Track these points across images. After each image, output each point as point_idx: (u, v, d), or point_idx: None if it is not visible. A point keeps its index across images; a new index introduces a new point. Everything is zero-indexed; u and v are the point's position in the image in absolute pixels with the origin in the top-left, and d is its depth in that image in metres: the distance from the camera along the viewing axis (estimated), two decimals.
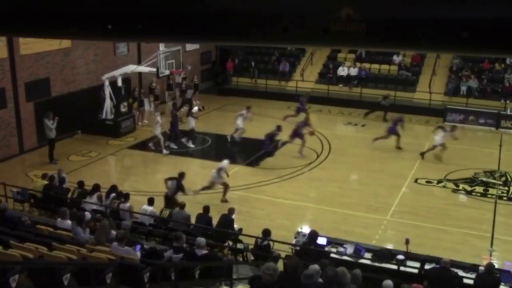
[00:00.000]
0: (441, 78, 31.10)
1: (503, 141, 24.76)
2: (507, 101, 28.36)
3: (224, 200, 17.29)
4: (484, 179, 19.99)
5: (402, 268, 11.79)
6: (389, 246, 13.70)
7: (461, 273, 11.18)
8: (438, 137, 21.69)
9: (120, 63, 26.18)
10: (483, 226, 16.28)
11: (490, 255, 14.40)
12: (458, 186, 19.31)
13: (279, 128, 21.46)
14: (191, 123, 23.28)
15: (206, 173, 18.32)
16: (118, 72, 24.64)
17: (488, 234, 15.77)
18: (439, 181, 19.58)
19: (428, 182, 19.56)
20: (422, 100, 29.75)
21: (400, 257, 12.03)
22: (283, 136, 22.03)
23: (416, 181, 19.68)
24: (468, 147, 23.90)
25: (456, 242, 15.07)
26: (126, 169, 21.56)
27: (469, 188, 19.17)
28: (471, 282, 10.96)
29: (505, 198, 18.45)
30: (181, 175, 16.15)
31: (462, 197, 18.68)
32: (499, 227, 16.27)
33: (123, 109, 24.70)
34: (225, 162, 17.94)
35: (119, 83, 24.64)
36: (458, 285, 10.63)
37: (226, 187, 17.55)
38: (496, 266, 12.17)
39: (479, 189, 19.11)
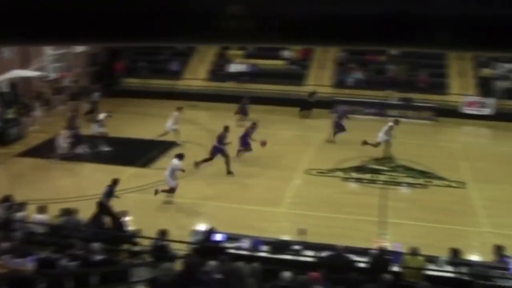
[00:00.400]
0: (329, 71, 32.08)
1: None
2: (391, 91, 29.69)
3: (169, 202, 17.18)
4: (373, 166, 20.83)
5: (299, 258, 12.05)
6: (286, 238, 13.94)
7: (355, 257, 11.58)
8: (382, 133, 22.20)
9: (5, 67, 24.91)
10: (373, 211, 16.94)
11: (382, 239, 15.00)
12: (348, 174, 20.00)
13: (226, 129, 20.68)
14: (97, 128, 22.41)
15: (100, 177, 17.74)
16: (2, 78, 23.46)
17: (378, 218, 16.45)
18: (330, 171, 20.18)
19: (319, 172, 20.09)
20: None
21: (297, 247, 12.31)
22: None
23: (307, 172, 20.15)
24: (356, 136, 24.73)
25: (349, 228, 15.56)
26: (16, 177, 20.51)
27: (358, 176, 19.91)
28: (364, 265, 11.38)
29: (392, 184, 19.33)
30: (115, 181, 15.60)
31: (353, 185, 19.38)
32: (388, 211, 17.01)
33: (9, 115, 23.54)
34: (176, 161, 17.42)
35: (4, 88, 23.46)
36: (352, 270, 10.98)
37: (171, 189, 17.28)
38: (389, 249, 12.75)
39: (368, 176, 19.90)
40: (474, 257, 13.63)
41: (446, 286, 10.60)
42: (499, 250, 12.35)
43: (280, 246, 12.57)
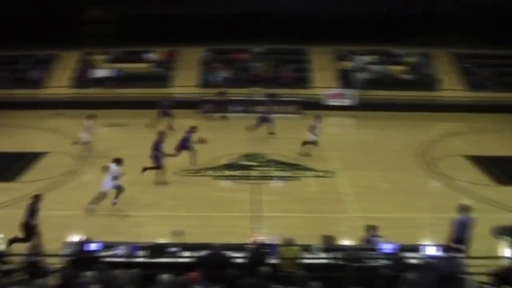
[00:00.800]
0: (195, 71, 32.09)
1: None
2: (257, 88, 30.22)
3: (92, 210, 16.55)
4: (244, 162, 21.09)
5: (177, 260, 11.93)
6: (163, 241, 13.74)
7: (232, 254, 11.65)
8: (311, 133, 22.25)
9: None
10: (248, 206, 17.18)
11: (258, 233, 15.21)
12: (220, 172, 20.11)
13: (163, 135, 19.77)
14: None
15: None
16: None
17: (254, 213, 16.68)
18: (202, 170, 20.18)
19: (191, 173, 20.02)
20: (178, 94, 30.38)
21: (174, 249, 12.18)
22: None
23: (180, 173, 20.00)
24: (225, 134, 24.99)
25: (226, 225, 15.66)
26: None
27: (231, 173, 20.08)
28: (242, 261, 11.47)
29: (265, 178, 19.70)
30: (37, 197, 14.41)
31: (226, 183, 19.51)
32: (263, 205, 17.31)
33: None
34: (114, 166, 16.74)
35: None
36: (231, 266, 11.03)
37: (102, 195, 16.71)
38: (266, 242, 12.96)
39: (241, 172, 20.14)
40: (346, 242, 14.19)
41: (322, 272, 10.92)
42: (370, 229, 12.96)
43: (157, 250, 12.38)
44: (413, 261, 11.48)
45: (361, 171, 20.65)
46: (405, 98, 30.17)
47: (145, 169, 18.93)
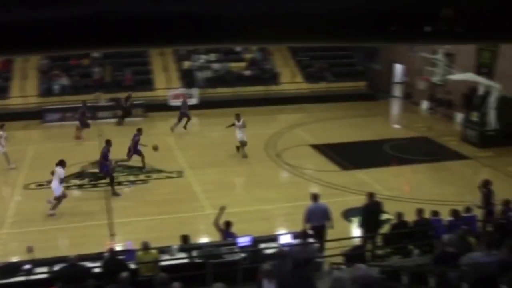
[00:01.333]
0: (33, 80, 30.77)
1: (102, 130, 25.88)
2: (99, 93, 29.67)
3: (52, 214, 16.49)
4: (92, 170, 20.67)
5: (32, 277, 11.51)
6: (15, 259, 13.18)
7: (89, 264, 11.47)
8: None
9: None
10: (100, 215, 16.90)
11: (113, 240, 15.08)
12: (69, 183, 19.56)
13: (108, 143, 18.74)
14: None
15: None
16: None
17: (106, 221, 16.47)
18: (50, 182, 19.47)
19: (39, 185, 19.30)
20: (16, 105, 29.04)
21: (26, 266, 11.73)
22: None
23: (26, 187, 19.22)
24: (70, 143, 24.33)
25: (80, 236, 15.33)
26: None
27: (79, 182, 19.62)
28: (100, 270, 11.32)
29: (115, 184, 19.43)
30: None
31: (76, 193, 19.03)
32: (115, 212, 17.13)
33: None
34: (59, 169, 16.76)
35: None
36: (89, 277, 10.87)
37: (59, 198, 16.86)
38: (121, 248, 12.91)
39: (89, 181, 19.74)
40: (203, 239, 14.54)
41: (182, 272, 11.10)
42: (226, 225, 13.34)
43: (8, 269, 11.83)
44: (270, 251, 12.03)
45: (210, 168, 21.08)
46: (247, 94, 31.23)
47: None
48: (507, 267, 8.03)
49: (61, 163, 16.95)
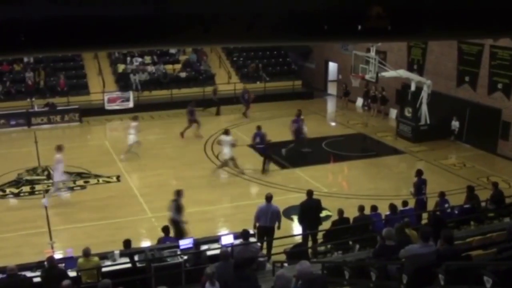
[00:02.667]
0: None
1: (37, 137, 25.30)
2: (33, 99, 28.92)
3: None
4: (28, 177, 20.17)
5: None
6: None
7: (29, 274, 11.20)
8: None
9: None
10: (38, 223, 16.51)
11: (52, 248, 14.77)
12: (4, 191, 19.02)
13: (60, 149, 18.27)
14: None
15: None
16: None
17: (45, 229, 16.11)
18: None
19: None
20: None
21: None
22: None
23: None
24: (5, 150, 23.66)
25: (16, 246, 14.95)
26: None
27: (16, 190, 19.10)
28: (40, 279, 11.08)
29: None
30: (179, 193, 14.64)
31: (12, 201, 18.54)
32: (53, 219, 16.78)
33: None
34: (58, 156, 17.88)
35: None
36: (29, 286, 10.64)
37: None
38: (61, 256, 12.67)
39: (26, 188, 19.23)
40: (145, 243, 14.43)
41: (125, 277, 11.01)
42: (164, 231, 13.27)
43: None
44: (213, 252, 12.06)
45: (148, 171, 20.92)
46: (184, 96, 31.09)
47: None
48: (444, 257, 8.32)
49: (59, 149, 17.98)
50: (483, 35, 14.57)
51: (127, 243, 12.84)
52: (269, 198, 13.90)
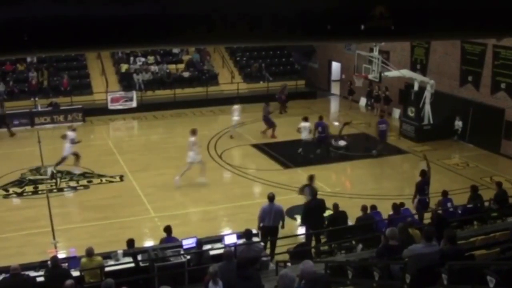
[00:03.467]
0: None
1: (40, 137, 25.31)
2: (36, 99, 28.97)
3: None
4: (32, 177, 20.19)
5: None
6: None
7: (32, 273, 11.22)
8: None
9: None
10: (41, 222, 16.52)
11: (55, 248, 14.80)
12: (8, 191, 19.05)
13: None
14: None
15: None
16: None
17: (48, 228, 16.13)
18: None
19: None
20: None
21: None
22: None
23: None
24: (8, 150, 23.71)
25: (20, 245, 14.96)
26: None
27: (19, 190, 19.12)
28: (43, 279, 11.10)
29: (55, 191, 19.07)
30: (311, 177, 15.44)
31: (15, 201, 18.56)
32: (57, 218, 16.79)
33: None
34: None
35: None
36: (33, 286, 10.64)
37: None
38: (65, 256, 12.69)
39: (29, 188, 19.25)
40: (148, 243, 14.44)
41: (128, 277, 11.02)
42: (167, 231, 13.26)
43: None
44: (216, 252, 12.07)
45: (151, 171, 20.92)
46: (187, 95, 31.14)
47: None
48: (447, 257, 8.31)
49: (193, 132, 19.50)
50: (486, 35, 14.55)
51: (130, 242, 12.85)
52: (271, 198, 13.82)
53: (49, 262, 11.51)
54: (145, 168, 21.20)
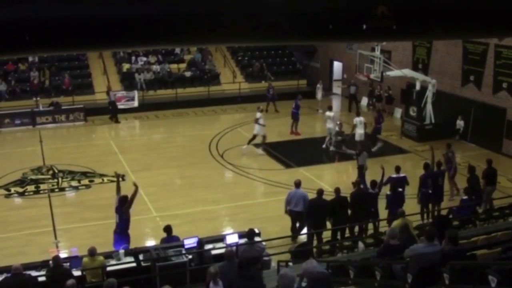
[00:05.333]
0: None
1: (42, 136, 25.34)
2: (38, 98, 28.98)
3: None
4: (33, 177, 20.20)
5: None
6: None
7: (34, 273, 11.23)
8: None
9: None
10: (43, 222, 16.53)
11: (57, 247, 14.80)
12: (9, 190, 19.06)
13: None
14: None
15: None
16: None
17: (49, 228, 16.14)
18: None
19: None
20: None
21: None
22: None
23: None
24: (10, 150, 23.72)
25: (21, 245, 14.97)
26: None
27: (21, 190, 19.13)
28: (45, 279, 11.09)
29: (56, 190, 19.07)
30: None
31: (17, 200, 18.57)
32: (58, 218, 16.80)
33: None
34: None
35: None
36: (34, 286, 10.65)
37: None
38: (66, 255, 12.69)
39: (31, 188, 19.26)
40: (150, 242, 14.44)
41: (130, 276, 11.02)
42: (167, 230, 13.25)
43: None
44: (217, 251, 12.07)
45: (153, 170, 20.91)
46: (189, 95, 31.15)
47: None
48: (448, 257, 8.31)
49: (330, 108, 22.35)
50: (488, 34, 14.55)
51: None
52: (297, 184, 14.73)
53: (50, 262, 11.52)
54: (147, 168, 21.20)
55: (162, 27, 7.43)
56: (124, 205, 13.25)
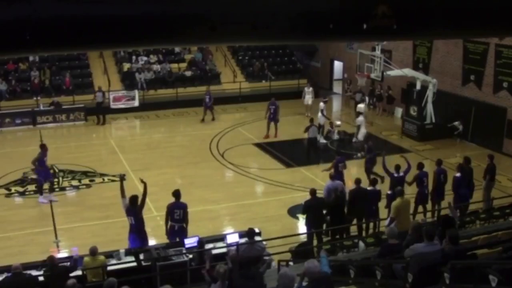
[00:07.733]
0: None
1: (43, 136, 25.33)
2: (38, 98, 28.99)
3: None
4: (34, 176, 20.17)
5: None
6: None
7: (34, 272, 11.23)
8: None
9: None
10: (43, 221, 16.53)
11: (57, 247, 14.81)
12: (10, 190, 19.07)
13: (43, 147, 18.19)
14: None
15: None
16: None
17: (50, 227, 16.14)
18: None
19: None
20: None
21: None
22: None
23: None
24: (10, 149, 23.73)
25: (22, 244, 14.97)
26: None
27: (21, 189, 19.13)
28: (44, 278, 11.08)
29: (57, 190, 19.05)
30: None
31: (17, 200, 18.57)
32: (59, 218, 16.81)
33: None
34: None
35: None
36: (35, 285, 10.65)
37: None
38: (66, 255, 12.68)
39: (31, 187, 19.25)
40: (151, 242, 14.40)
41: (131, 276, 11.02)
42: (176, 195, 13.30)
43: None
44: (218, 251, 12.08)
45: (153, 170, 20.86)
46: (189, 94, 31.15)
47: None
48: (449, 256, 8.31)
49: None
50: (488, 34, 14.55)
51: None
52: (332, 176, 15.39)
53: (50, 261, 11.50)
54: (147, 167, 21.17)
55: (162, 26, 7.42)
56: (135, 205, 13.17)
